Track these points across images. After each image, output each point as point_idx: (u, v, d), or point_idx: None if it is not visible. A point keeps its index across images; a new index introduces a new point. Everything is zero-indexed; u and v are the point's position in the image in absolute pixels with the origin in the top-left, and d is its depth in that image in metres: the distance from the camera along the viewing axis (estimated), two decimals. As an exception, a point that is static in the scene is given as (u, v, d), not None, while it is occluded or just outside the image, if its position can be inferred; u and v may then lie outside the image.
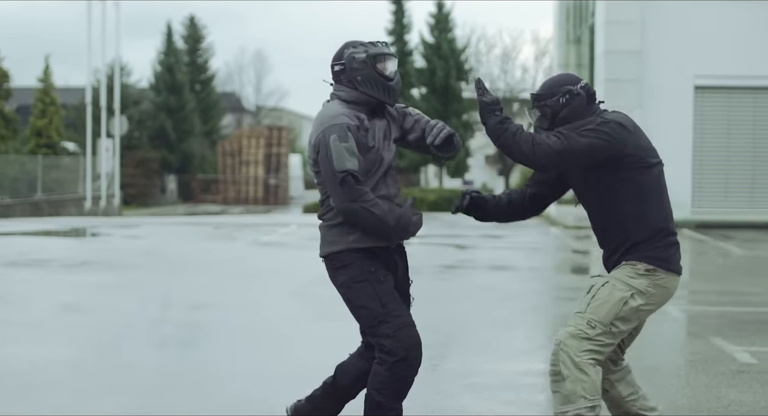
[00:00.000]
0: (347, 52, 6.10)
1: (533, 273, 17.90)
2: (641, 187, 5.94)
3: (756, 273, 17.98)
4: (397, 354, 5.94)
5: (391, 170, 6.19)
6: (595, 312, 5.86)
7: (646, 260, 5.89)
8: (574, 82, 6.11)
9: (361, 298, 6.07)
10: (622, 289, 5.87)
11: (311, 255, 20.91)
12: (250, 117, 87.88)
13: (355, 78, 6.05)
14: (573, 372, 5.80)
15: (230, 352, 10.53)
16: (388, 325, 5.97)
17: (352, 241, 6.09)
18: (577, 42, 38.35)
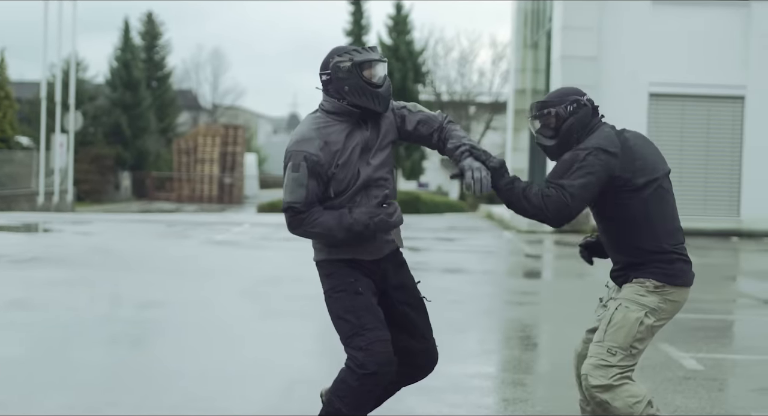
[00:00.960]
0: (332, 61, 5.97)
1: (486, 277, 17.94)
2: (633, 211, 5.92)
3: (706, 281, 18.07)
4: (368, 368, 5.87)
5: (377, 182, 6.05)
6: (613, 338, 5.87)
7: (653, 277, 5.89)
8: (581, 94, 6.14)
9: (339, 309, 6.04)
10: (635, 310, 5.87)
11: (263, 255, 20.96)
12: (207, 115, 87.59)
13: (342, 88, 5.92)
14: (612, 392, 5.81)
15: (179, 350, 10.50)
16: (361, 338, 5.91)
17: (332, 252, 6.08)
18: (534, 46, 38.48)
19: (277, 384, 8.82)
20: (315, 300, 14.53)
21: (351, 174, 5.97)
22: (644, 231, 5.92)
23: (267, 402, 8.16)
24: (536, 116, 6.15)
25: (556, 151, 6.13)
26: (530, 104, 6.26)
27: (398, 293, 6.18)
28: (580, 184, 5.84)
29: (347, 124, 6.00)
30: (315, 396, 8.37)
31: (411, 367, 6.26)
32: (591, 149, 5.91)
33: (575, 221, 27.38)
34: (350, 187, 5.99)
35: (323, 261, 6.15)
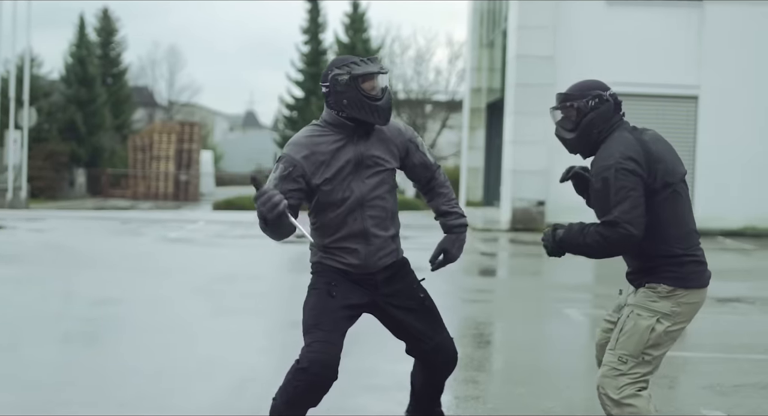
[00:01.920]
0: (331, 74, 5.93)
1: (440, 275, 17.89)
2: (656, 214, 5.84)
3: (658, 279, 18.21)
4: (301, 363, 5.89)
5: (373, 201, 6.03)
6: (624, 346, 5.82)
7: (665, 281, 5.83)
8: (604, 88, 6.05)
9: (308, 304, 6.08)
10: (646, 317, 5.80)
11: (217, 252, 20.91)
12: (163, 112, 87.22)
13: (341, 101, 5.87)
14: (620, 409, 5.78)
15: (132, 347, 10.46)
16: (309, 336, 5.95)
17: (322, 258, 6.13)
18: (490, 46, 38.56)
19: (229, 382, 8.80)
20: (269, 298, 14.58)
21: (342, 190, 5.96)
22: (656, 237, 5.84)
23: (219, 400, 8.14)
24: (558, 108, 6.09)
25: (575, 145, 6.08)
26: (555, 94, 6.19)
27: (392, 299, 6.17)
28: (629, 206, 5.74)
29: (342, 137, 5.96)
30: (267, 393, 8.37)
31: (432, 368, 6.31)
32: (613, 165, 5.81)
33: (528, 218, 27.52)
34: (343, 203, 5.97)
35: (316, 262, 6.20)
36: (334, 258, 6.09)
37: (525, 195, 27.44)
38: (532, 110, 27.65)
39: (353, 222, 6.01)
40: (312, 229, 6.15)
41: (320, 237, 6.11)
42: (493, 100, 37.53)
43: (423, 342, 6.24)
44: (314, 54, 68.11)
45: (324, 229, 6.09)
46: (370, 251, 6.06)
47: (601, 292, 16.22)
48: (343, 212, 5.99)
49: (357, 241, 6.04)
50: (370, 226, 6.03)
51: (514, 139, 28.13)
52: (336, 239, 6.06)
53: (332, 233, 6.05)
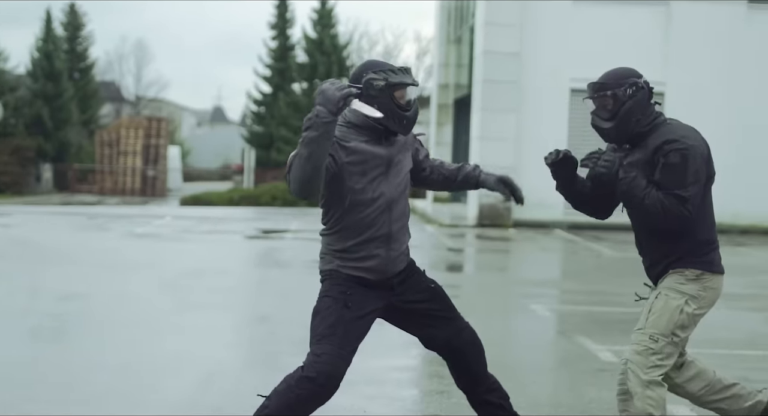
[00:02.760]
0: (366, 76, 5.89)
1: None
2: (702, 202, 5.96)
3: (624, 274, 18.28)
4: (308, 372, 5.80)
5: (399, 205, 6.02)
6: (654, 325, 5.88)
7: (692, 265, 5.93)
8: (638, 75, 6.07)
9: (320, 312, 5.95)
10: (675, 298, 5.89)
11: (184, 247, 20.90)
12: (130, 107, 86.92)
13: (371, 105, 5.84)
14: (641, 390, 5.83)
15: (99, 343, 10.46)
16: (320, 346, 5.84)
17: (343, 267, 5.98)
18: (457, 42, 38.63)
19: (197, 377, 8.82)
20: (236, 293, 14.59)
21: (372, 189, 5.90)
22: (702, 220, 5.97)
23: (185, 394, 8.15)
24: (593, 98, 6.09)
25: (613, 134, 6.09)
26: (587, 84, 6.20)
27: (404, 296, 6.11)
28: (696, 191, 5.87)
29: (369, 139, 5.93)
30: (233, 387, 8.40)
31: (460, 351, 6.21)
32: (696, 147, 5.93)
33: (495, 214, 27.59)
34: (373, 203, 5.91)
35: (331, 270, 6.03)
36: (352, 265, 5.96)
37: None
38: (499, 106, 27.74)
39: (380, 226, 5.94)
40: (332, 234, 5.99)
41: (341, 241, 5.96)
42: (460, 96, 37.60)
43: (443, 328, 6.16)
44: (282, 49, 67.97)
45: (346, 232, 5.95)
46: (390, 256, 5.99)
47: (568, 288, 16.30)
48: (372, 213, 5.91)
49: (379, 245, 5.96)
50: (395, 231, 6.00)
51: (481, 135, 28.20)
52: (358, 243, 5.94)
53: (355, 236, 5.93)
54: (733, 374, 9.43)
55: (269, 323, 12.10)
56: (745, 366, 9.70)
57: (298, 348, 10.35)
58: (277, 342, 10.73)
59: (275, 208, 39.26)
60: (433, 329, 6.16)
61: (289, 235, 24.95)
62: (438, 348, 6.23)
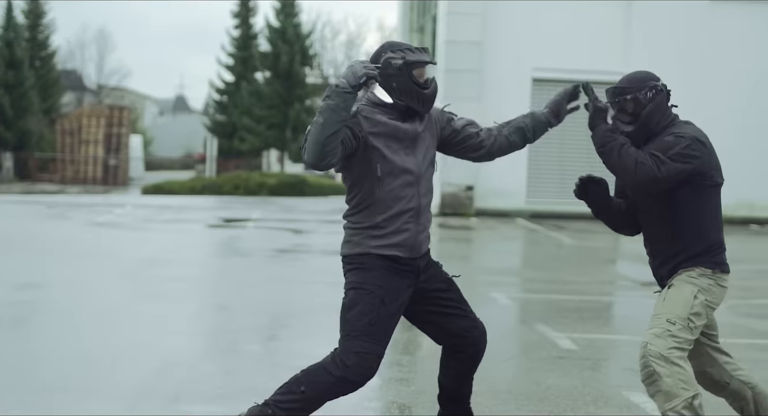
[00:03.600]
0: (384, 56, 5.98)
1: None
2: (703, 205, 6.00)
3: (584, 263, 18.35)
4: (354, 376, 5.82)
5: (426, 180, 6.05)
6: (671, 309, 5.91)
7: (701, 264, 5.99)
8: (657, 79, 6.12)
9: (356, 307, 5.89)
10: (688, 286, 5.95)
11: (144, 236, 20.80)
12: (92, 95, 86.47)
13: (390, 84, 5.92)
14: (668, 367, 5.82)
15: (55, 332, 10.38)
16: (361, 344, 5.82)
17: (374, 247, 5.94)
18: (420, 31, 38.59)
19: (153, 365, 8.76)
20: (195, 282, 14.52)
21: (401, 159, 5.93)
22: (709, 222, 6.02)
23: (142, 382, 8.10)
24: (613, 102, 6.12)
25: (634, 137, 6.11)
26: (606, 89, 6.21)
27: (426, 284, 6.09)
28: (675, 168, 5.87)
29: (392, 116, 5.97)
30: (189, 376, 8.36)
31: (468, 345, 6.21)
32: (691, 139, 5.93)
33: (457, 203, 27.60)
34: (402, 174, 5.92)
35: (362, 254, 5.97)
36: (384, 242, 5.93)
37: (454, 180, 27.49)
38: (461, 95, 27.69)
39: (409, 199, 5.96)
40: (361, 212, 5.96)
41: (370, 216, 5.93)
42: (423, 86, 37.54)
43: (461, 317, 6.17)
44: (245, 38, 67.78)
45: (376, 206, 5.93)
46: (419, 231, 6.00)
47: (529, 277, 16.32)
48: (402, 185, 5.93)
49: (409, 220, 5.96)
50: (423, 205, 6.03)
51: (443, 124, 28.20)
52: (389, 217, 5.92)
53: (385, 210, 5.92)
54: (691, 361, 9.50)
55: (228, 312, 12.05)
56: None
57: (256, 336, 10.36)
58: (235, 331, 10.69)
59: (237, 197, 39.15)
60: (451, 319, 6.16)
61: (251, 224, 24.88)
62: (452, 337, 6.19)
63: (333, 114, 5.65)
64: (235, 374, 8.60)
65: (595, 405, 7.76)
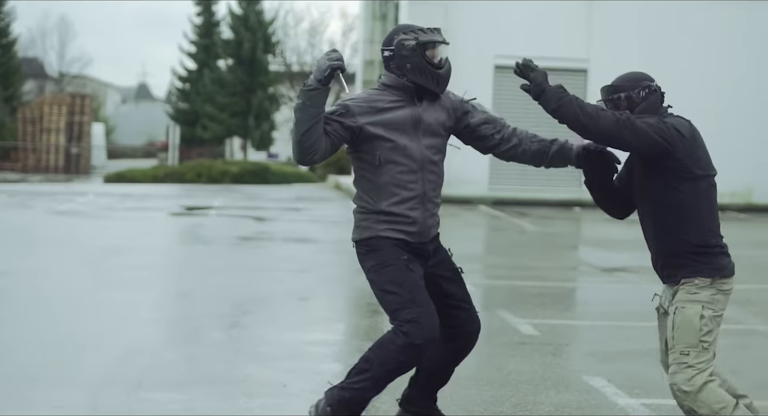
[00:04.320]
0: (397, 38, 6.04)
1: (333, 246, 17.99)
2: (684, 199, 5.94)
3: (546, 249, 18.43)
4: (414, 339, 5.81)
5: (431, 166, 6.06)
6: (681, 340, 5.88)
7: (701, 274, 5.92)
8: (651, 79, 6.13)
9: (387, 283, 5.94)
10: (691, 307, 5.89)
11: (106, 225, 20.73)
12: (53, 84, 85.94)
13: (404, 65, 5.98)
14: (697, 399, 5.82)
15: (16, 320, 10.36)
16: (410, 311, 5.84)
17: (383, 230, 5.99)
18: (383, 18, 38.58)
19: (115, 353, 8.75)
20: (157, 269, 14.49)
21: (403, 146, 5.96)
22: (691, 223, 5.94)
23: (104, 370, 8.08)
24: (606, 100, 6.11)
25: None
26: (600, 88, 6.21)
27: (435, 269, 6.13)
28: (640, 126, 5.84)
29: (400, 99, 6.02)
30: (152, 363, 8.35)
31: (461, 337, 6.22)
32: (669, 123, 5.95)
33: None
34: (406, 159, 5.96)
35: (372, 238, 6.01)
36: (393, 227, 5.98)
37: (417, 167, 27.52)
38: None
39: (414, 185, 5.99)
40: (368, 198, 6.02)
41: (376, 201, 5.99)
42: (386, 73, 37.54)
43: (461, 311, 6.19)
44: (207, 26, 67.53)
45: (380, 192, 5.99)
46: (425, 217, 6.04)
47: (492, 263, 16.38)
48: (403, 171, 5.96)
49: (415, 206, 6.00)
50: (429, 191, 6.05)
51: (405, 111, 28.20)
52: (394, 203, 5.97)
53: (389, 196, 5.97)
54: (652, 346, 9.57)
55: (191, 299, 12.03)
56: (644, 338, 9.77)
57: (218, 323, 10.36)
58: (198, 318, 10.68)
59: (200, 185, 39.05)
60: (451, 309, 6.18)
61: (213, 212, 24.83)
62: (449, 327, 6.18)
63: (303, 112, 5.79)
64: (197, 361, 8.60)
65: (555, 389, 7.80)
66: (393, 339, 5.87)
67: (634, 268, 15.58)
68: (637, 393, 7.74)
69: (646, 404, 7.46)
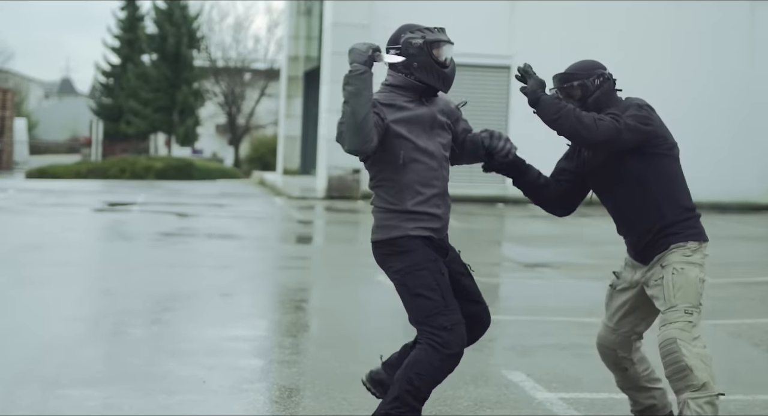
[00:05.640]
0: (404, 37, 6.06)
1: (256, 242, 17.93)
2: (669, 169, 6.07)
3: (469, 245, 18.49)
4: (452, 348, 5.85)
5: (444, 162, 6.08)
6: (684, 299, 5.93)
7: (691, 238, 6.02)
8: (604, 67, 6.18)
9: (420, 287, 5.89)
10: (692, 269, 5.97)
11: (27, 221, 20.50)
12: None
13: (411, 64, 6.00)
14: (698, 362, 5.85)
15: (-69, 317, 10.23)
16: (445, 318, 5.85)
17: (412, 229, 5.96)
18: (308, 13, 38.54)
19: (31, 350, 8.67)
20: (77, 266, 14.35)
21: (425, 142, 5.98)
22: (679, 188, 6.10)
23: (19, 368, 8.01)
24: (559, 88, 6.16)
25: None
26: (552, 76, 6.27)
27: (451, 264, 6.12)
28: (634, 125, 5.92)
29: (411, 98, 6.03)
30: (69, 360, 8.28)
31: (474, 330, 6.20)
32: (644, 104, 6.04)
33: (343, 186, 27.63)
34: (429, 157, 5.98)
35: (402, 237, 5.98)
36: (421, 225, 5.98)
37: (340, 163, 27.52)
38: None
39: (437, 182, 6.01)
40: (390, 196, 5.99)
41: (400, 201, 5.97)
42: (310, 69, 37.52)
43: (476, 305, 6.19)
44: (131, 20, 67.00)
45: (405, 192, 5.98)
46: (445, 213, 6.08)
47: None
48: (427, 168, 5.98)
49: (438, 202, 6.02)
50: (446, 187, 6.12)
51: (330, 107, 28.18)
52: (420, 201, 5.97)
53: (414, 195, 5.97)
54: (571, 341, 9.67)
55: (111, 296, 11.93)
56: (583, 333, 9.88)
57: (139, 320, 10.29)
58: (118, 314, 10.59)
59: (123, 180, 38.77)
60: (465, 303, 6.15)
61: (136, 208, 24.66)
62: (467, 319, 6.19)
63: (358, 98, 5.75)
64: (116, 358, 8.54)
65: (474, 384, 7.84)
66: (431, 355, 5.85)
67: (556, 264, 15.70)
68: (555, 387, 7.80)
69: (564, 398, 7.52)
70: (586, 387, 7.89)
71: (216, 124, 72.46)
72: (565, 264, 15.80)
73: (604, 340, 6.43)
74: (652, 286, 6.10)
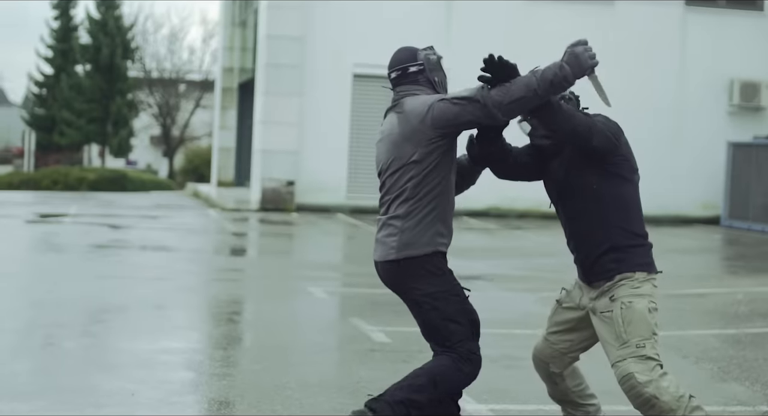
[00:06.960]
0: (422, 53, 6.23)
1: (190, 254, 17.84)
2: (626, 194, 6.13)
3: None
4: (475, 374, 6.13)
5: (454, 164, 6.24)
6: (635, 333, 5.97)
7: (639, 268, 6.08)
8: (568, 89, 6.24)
9: (455, 313, 6.08)
10: (639, 301, 6.01)
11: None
12: None
13: (433, 78, 6.18)
14: (659, 388, 5.90)
15: None
16: (473, 345, 6.10)
17: (441, 244, 6.08)
18: (242, 25, 38.48)
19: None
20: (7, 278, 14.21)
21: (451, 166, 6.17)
22: (633, 214, 6.15)
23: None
24: (523, 120, 6.26)
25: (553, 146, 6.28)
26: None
27: None
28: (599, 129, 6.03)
29: None
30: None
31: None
32: (609, 120, 6.11)
33: (278, 198, 27.57)
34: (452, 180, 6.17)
35: (434, 254, 6.08)
36: (446, 241, 6.13)
37: (275, 175, 27.48)
38: (283, 90, 27.72)
39: (453, 199, 6.20)
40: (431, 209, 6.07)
41: (441, 214, 6.09)
42: (245, 80, 37.46)
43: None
44: (64, 30, 66.49)
45: (445, 205, 6.13)
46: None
47: (349, 271, 16.43)
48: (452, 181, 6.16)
49: (451, 223, 6.16)
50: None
51: (264, 119, 28.14)
52: (449, 213, 6.14)
53: (450, 207, 6.14)
54: (502, 352, 9.72)
55: (41, 308, 11.83)
56: (514, 344, 9.95)
57: (69, 332, 10.22)
58: (48, 327, 10.52)
59: (56, 192, 38.46)
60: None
61: (68, 219, 24.47)
62: None
63: (547, 93, 5.86)
64: (44, 371, 8.48)
65: (405, 396, 7.84)
66: (460, 366, 6.07)
67: (489, 276, 15.77)
68: (485, 399, 7.85)
69: (494, 409, 7.58)
70: (516, 399, 7.95)
71: (150, 135, 72.09)
72: (497, 276, 15.87)
73: (540, 353, 6.51)
74: (600, 318, 6.16)
